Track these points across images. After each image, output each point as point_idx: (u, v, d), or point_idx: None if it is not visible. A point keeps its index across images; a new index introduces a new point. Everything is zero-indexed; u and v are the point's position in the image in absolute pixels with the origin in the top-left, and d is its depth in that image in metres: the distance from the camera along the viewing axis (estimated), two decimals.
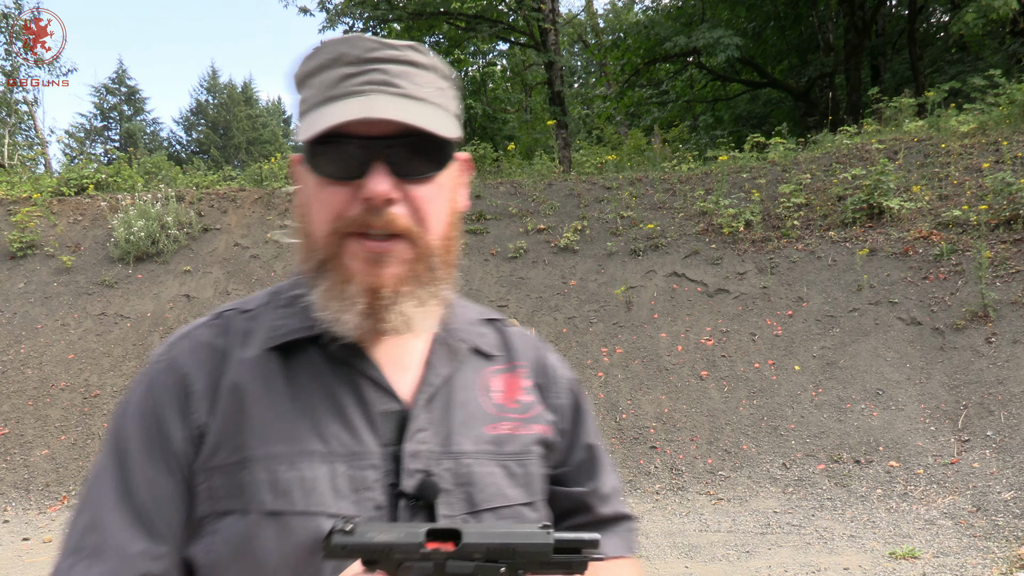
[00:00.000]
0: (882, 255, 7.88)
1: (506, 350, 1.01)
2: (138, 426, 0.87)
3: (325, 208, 0.85)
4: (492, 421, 0.92)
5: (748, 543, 5.07)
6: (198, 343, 0.91)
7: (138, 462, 0.86)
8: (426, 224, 0.86)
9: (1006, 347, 6.60)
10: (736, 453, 6.49)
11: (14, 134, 17.23)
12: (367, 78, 0.84)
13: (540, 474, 0.95)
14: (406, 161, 0.84)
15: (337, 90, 0.84)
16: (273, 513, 0.82)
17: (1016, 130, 8.93)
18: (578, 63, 28.90)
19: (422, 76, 0.87)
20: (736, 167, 9.93)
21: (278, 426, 0.86)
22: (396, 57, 0.86)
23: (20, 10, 15.69)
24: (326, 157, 0.84)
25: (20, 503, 6.71)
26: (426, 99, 0.86)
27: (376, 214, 0.83)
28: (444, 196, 0.89)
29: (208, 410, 0.87)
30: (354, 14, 12.51)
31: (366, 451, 0.85)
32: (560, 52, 13.34)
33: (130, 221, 9.49)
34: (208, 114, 39.45)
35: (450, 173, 0.90)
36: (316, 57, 0.88)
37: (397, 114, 0.81)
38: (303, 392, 0.88)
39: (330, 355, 0.89)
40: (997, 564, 4.45)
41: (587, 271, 8.75)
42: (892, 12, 17.15)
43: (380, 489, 0.85)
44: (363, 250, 0.84)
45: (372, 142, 0.82)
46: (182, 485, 0.85)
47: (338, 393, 0.88)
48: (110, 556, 0.82)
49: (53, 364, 8.22)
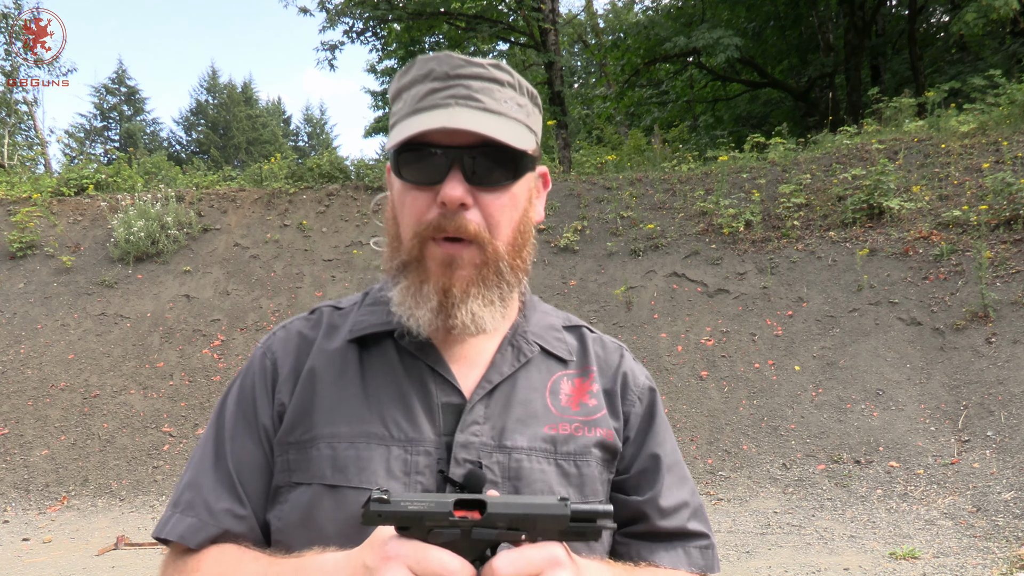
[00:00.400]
0: (882, 255, 7.87)
1: (582, 356, 1.05)
2: (235, 402, 1.00)
3: (408, 212, 0.93)
4: (552, 421, 0.96)
5: (748, 543, 5.07)
6: (292, 333, 1.04)
7: (232, 433, 0.98)
8: (496, 231, 0.93)
9: (1006, 347, 6.60)
10: (736, 453, 6.49)
11: (14, 134, 17.23)
12: (451, 92, 0.92)
13: (599, 477, 0.97)
14: (481, 170, 0.90)
15: (424, 103, 0.92)
16: (331, 487, 0.91)
17: (1016, 130, 8.93)
18: (578, 63, 28.88)
19: (503, 92, 0.94)
20: (736, 167, 9.92)
21: (344, 409, 0.94)
22: (480, 74, 0.94)
23: (20, 10, 15.69)
24: (409, 164, 0.92)
25: (20, 503, 6.71)
26: (505, 113, 0.93)
27: (450, 218, 0.90)
28: (517, 206, 0.95)
29: (289, 392, 0.97)
30: (354, 14, 12.50)
31: (422, 438, 0.92)
32: (560, 52, 13.33)
33: (130, 221, 9.49)
34: (208, 114, 39.44)
35: (525, 184, 0.97)
36: (408, 73, 0.96)
37: (475, 125, 0.88)
38: (374, 381, 0.96)
39: (403, 349, 0.97)
40: (997, 564, 4.45)
41: (587, 271, 8.75)
42: (892, 12, 17.15)
43: (430, 474, 0.91)
44: (440, 253, 0.91)
45: (450, 151, 0.90)
46: (267, 457, 0.96)
47: (404, 384, 0.95)
48: (200, 511, 0.94)
49: (53, 364, 8.22)
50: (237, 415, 0.99)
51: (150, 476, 6.96)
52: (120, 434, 7.43)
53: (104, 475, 7.00)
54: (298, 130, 44.81)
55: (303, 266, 9.38)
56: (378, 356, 0.98)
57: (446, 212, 0.90)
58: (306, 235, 9.79)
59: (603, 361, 1.06)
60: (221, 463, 0.96)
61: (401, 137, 0.89)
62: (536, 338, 1.02)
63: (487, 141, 0.89)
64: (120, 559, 5.36)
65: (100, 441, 7.35)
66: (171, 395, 7.84)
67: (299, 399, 0.96)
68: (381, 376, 0.96)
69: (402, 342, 0.98)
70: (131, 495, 6.77)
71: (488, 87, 0.93)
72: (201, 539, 0.94)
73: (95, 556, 5.45)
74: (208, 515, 0.94)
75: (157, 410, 7.68)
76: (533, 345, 1.01)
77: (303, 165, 11.50)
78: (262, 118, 40.91)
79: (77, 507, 6.63)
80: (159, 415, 7.63)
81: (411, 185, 0.92)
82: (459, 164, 0.89)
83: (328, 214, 10.09)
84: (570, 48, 26.67)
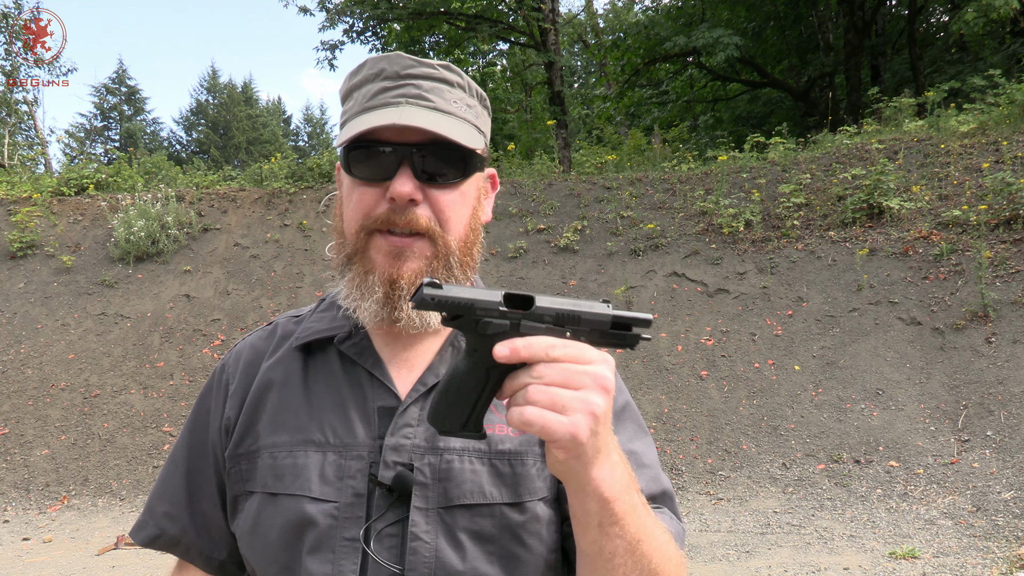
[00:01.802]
0: (882, 255, 7.88)
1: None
2: (190, 419, 1.05)
3: (356, 206, 0.95)
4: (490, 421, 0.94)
5: (748, 543, 5.07)
6: (246, 346, 1.06)
7: (184, 446, 1.04)
8: (447, 226, 0.94)
9: (1006, 347, 6.60)
10: (736, 453, 6.49)
11: (14, 134, 17.22)
12: (401, 91, 0.94)
13: (540, 474, 0.95)
14: (431, 167, 0.92)
15: (374, 101, 0.93)
16: (272, 494, 0.92)
17: (1016, 130, 8.93)
18: (578, 63, 28.88)
19: (453, 93, 0.96)
20: (736, 167, 9.92)
21: (286, 417, 0.95)
22: (430, 74, 0.95)
23: (20, 10, 15.68)
24: (359, 161, 0.93)
25: (20, 503, 6.71)
26: (454, 113, 0.94)
27: (400, 213, 0.91)
28: (466, 203, 0.97)
29: (237, 406, 0.99)
30: (354, 13, 12.50)
31: (356, 443, 0.92)
32: (560, 52, 13.33)
33: (130, 221, 9.49)
34: (208, 114, 39.43)
35: (474, 183, 0.98)
36: (359, 73, 0.98)
37: (425, 123, 0.89)
38: (316, 387, 0.97)
39: (344, 355, 0.98)
40: (997, 564, 4.45)
41: (587, 271, 8.75)
42: (892, 12, 17.15)
43: (361, 478, 0.90)
44: (386, 244, 0.93)
45: (400, 148, 0.91)
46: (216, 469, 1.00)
47: (344, 389, 0.96)
48: (145, 511, 1.04)
49: (53, 364, 8.22)
50: (190, 426, 1.04)
51: (150, 476, 6.97)
52: (120, 434, 7.43)
53: (104, 475, 7.01)
54: (298, 130, 44.84)
55: (303, 266, 9.38)
56: (321, 362, 0.99)
57: (395, 207, 0.91)
58: (306, 235, 9.79)
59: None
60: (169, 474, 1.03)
61: (351, 134, 0.90)
62: None
63: (436, 139, 0.91)
64: (120, 559, 5.36)
65: (100, 441, 7.36)
66: (171, 395, 7.84)
67: (247, 412, 0.98)
68: (323, 382, 0.97)
69: (342, 347, 0.98)
70: (131, 495, 6.77)
71: (438, 87, 0.95)
72: (142, 537, 1.03)
73: (95, 556, 5.45)
74: (149, 516, 1.03)
75: (157, 410, 7.69)
76: None
77: (303, 165, 11.50)
78: (262, 118, 40.92)
79: (77, 507, 6.64)
80: (159, 415, 7.63)
81: (360, 181, 0.93)
82: (408, 161, 0.91)
83: (328, 214, 10.09)
84: (570, 48, 26.68)
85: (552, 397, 0.71)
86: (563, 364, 0.72)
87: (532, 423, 0.71)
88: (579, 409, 0.71)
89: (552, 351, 0.72)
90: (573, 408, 0.71)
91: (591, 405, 0.71)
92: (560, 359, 0.72)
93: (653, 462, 1.03)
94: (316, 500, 0.90)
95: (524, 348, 0.72)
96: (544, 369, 0.72)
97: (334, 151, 24.20)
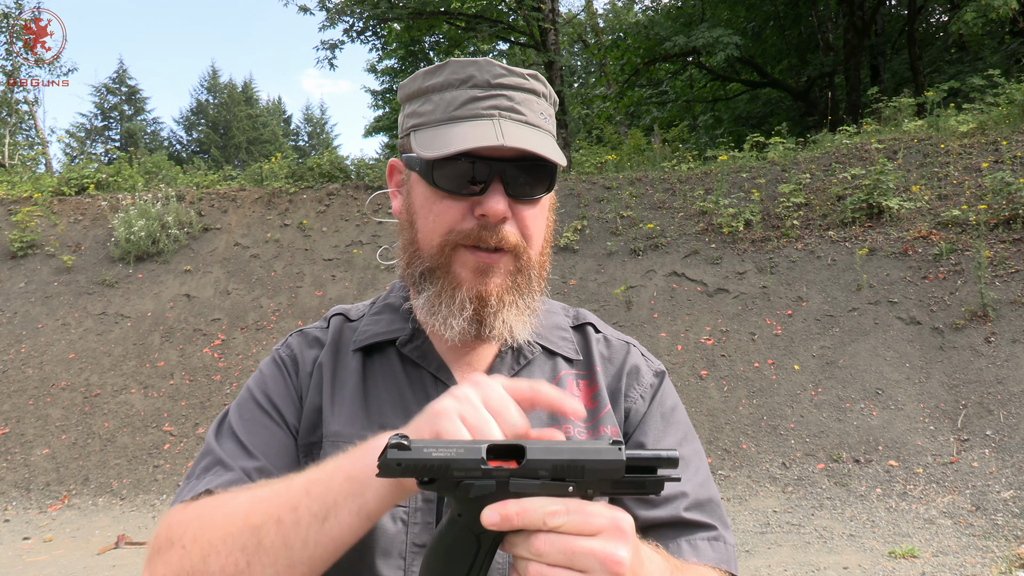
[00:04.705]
0: (882, 255, 7.88)
1: (586, 355, 1.04)
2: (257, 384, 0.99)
3: (439, 219, 0.91)
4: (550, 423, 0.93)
5: (748, 542, 5.08)
6: (310, 338, 1.04)
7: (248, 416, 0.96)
8: (530, 241, 0.93)
9: (1005, 347, 6.61)
10: (736, 452, 6.49)
11: (14, 134, 17.23)
12: (494, 103, 0.91)
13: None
14: (521, 183, 0.90)
15: (464, 111, 0.90)
16: None
17: (1015, 130, 8.93)
18: (578, 63, 28.88)
19: (540, 104, 0.95)
20: (736, 167, 9.93)
21: (348, 417, 0.94)
22: (521, 85, 0.93)
23: (20, 10, 15.68)
24: (446, 172, 0.90)
25: (21, 502, 6.71)
26: (542, 127, 0.93)
27: (491, 230, 0.90)
28: (545, 216, 0.96)
29: (306, 387, 0.98)
30: (354, 13, 12.51)
31: None
32: (560, 52, 13.34)
33: (130, 221, 9.50)
34: (208, 114, 39.43)
35: (551, 196, 0.98)
36: (439, 74, 0.94)
37: (525, 142, 0.87)
38: (375, 390, 0.97)
39: (406, 358, 0.97)
40: (996, 563, 4.46)
41: (587, 271, 8.76)
42: (892, 12, 17.16)
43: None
44: (473, 260, 0.91)
45: (493, 163, 0.89)
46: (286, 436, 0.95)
47: (407, 392, 0.95)
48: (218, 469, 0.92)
49: (54, 363, 8.23)
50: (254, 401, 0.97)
51: (151, 475, 6.97)
52: (121, 433, 7.44)
53: (105, 474, 7.01)
54: (298, 130, 44.82)
55: (303, 265, 9.39)
56: (381, 365, 0.98)
57: (486, 224, 0.89)
58: (306, 235, 9.80)
59: (607, 359, 1.04)
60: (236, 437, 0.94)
61: (449, 149, 0.86)
62: (538, 339, 1.01)
63: (529, 155, 0.89)
64: (121, 558, 5.37)
65: (101, 440, 7.36)
66: (171, 394, 7.85)
67: (311, 400, 0.96)
68: (383, 384, 0.97)
69: (404, 350, 0.97)
70: (132, 494, 6.78)
71: (528, 99, 0.93)
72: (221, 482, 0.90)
73: (96, 555, 5.46)
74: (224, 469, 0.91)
75: (158, 409, 7.69)
76: (534, 346, 1.00)
77: (303, 165, 11.51)
78: (262, 118, 40.90)
79: (78, 506, 6.64)
80: (159, 414, 7.64)
81: (444, 193, 0.90)
82: (500, 177, 0.89)
83: (328, 214, 10.10)
84: (570, 48, 26.68)
85: None
86: (565, 539, 0.62)
87: None
88: None
89: (551, 519, 0.62)
90: None
91: None
92: (560, 529, 0.62)
93: (701, 468, 0.99)
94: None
95: (517, 516, 0.62)
96: (543, 544, 0.62)
97: (335, 151, 24.11)
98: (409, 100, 0.97)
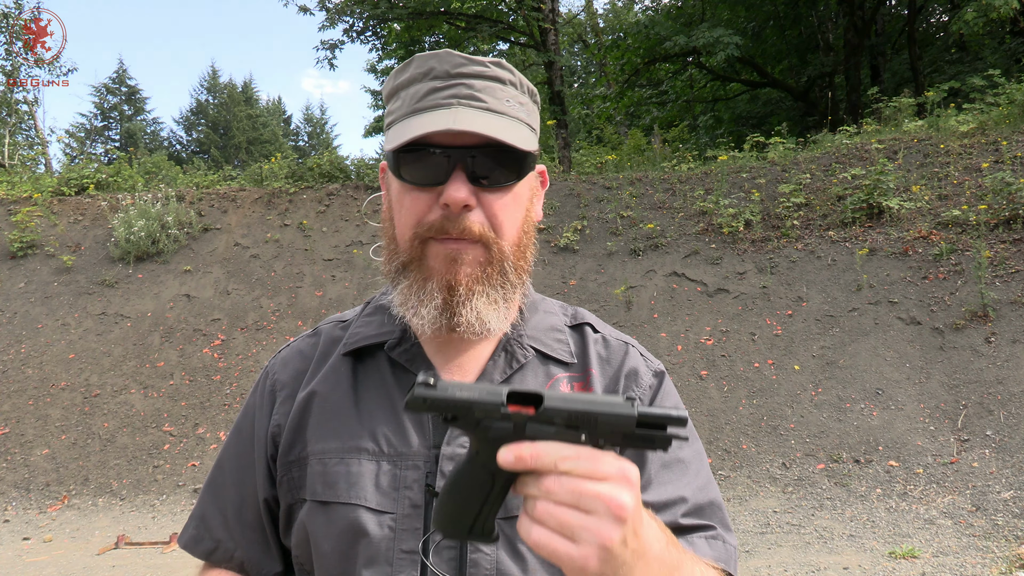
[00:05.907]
0: (882, 255, 7.88)
1: (582, 357, 1.02)
2: (238, 421, 1.03)
3: (408, 212, 0.92)
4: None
5: (748, 543, 5.08)
6: (294, 351, 1.04)
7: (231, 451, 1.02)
8: (501, 231, 0.91)
9: (1005, 347, 6.61)
10: (736, 453, 6.49)
11: (14, 134, 17.22)
12: (453, 92, 0.90)
13: None
14: (485, 170, 0.89)
15: (425, 102, 0.90)
16: (323, 503, 0.90)
17: (1015, 130, 8.93)
18: (578, 63, 28.87)
19: (505, 91, 0.93)
20: (736, 167, 9.93)
21: (335, 425, 0.93)
22: (481, 73, 0.92)
23: (20, 10, 15.67)
24: (410, 165, 0.90)
25: (20, 503, 6.71)
26: (507, 113, 0.91)
27: (453, 220, 0.89)
28: (520, 205, 0.94)
29: (286, 412, 0.98)
30: (353, 13, 12.51)
31: (411, 452, 0.90)
32: (560, 52, 13.33)
33: (130, 221, 9.50)
34: (208, 114, 39.43)
35: (527, 183, 0.95)
36: (405, 71, 0.94)
37: (479, 126, 0.87)
38: (366, 395, 0.95)
39: (395, 361, 0.96)
40: (996, 564, 4.46)
41: (587, 271, 8.75)
42: (892, 12, 17.15)
43: (418, 489, 0.89)
44: (444, 250, 0.90)
45: (454, 151, 0.88)
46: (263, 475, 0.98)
47: (395, 396, 0.94)
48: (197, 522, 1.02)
49: (53, 364, 8.23)
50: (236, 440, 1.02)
51: (150, 475, 6.97)
52: (121, 433, 7.43)
53: (105, 474, 7.01)
54: (298, 130, 44.81)
55: (303, 266, 9.38)
56: (371, 369, 0.97)
57: (449, 214, 0.89)
58: (306, 235, 9.80)
59: (605, 360, 1.02)
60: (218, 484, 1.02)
61: (404, 139, 0.88)
62: (532, 342, 0.99)
63: (491, 142, 0.88)
64: (120, 558, 5.37)
65: (101, 440, 7.36)
66: (171, 394, 7.85)
67: (295, 418, 0.96)
68: (373, 390, 0.95)
69: (392, 354, 0.96)
70: (132, 494, 6.77)
71: (490, 86, 0.92)
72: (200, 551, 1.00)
73: (96, 555, 5.46)
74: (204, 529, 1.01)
75: (157, 409, 7.69)
76: (528, 350, 0.98)
77: (303, 165, 11.51)
78: (262, 118, 40.90)
79: (78, 506, 6.64)
80: (159, 414, 7.64)
81: (411, 186, 0.91)
82: (462, 165, 0.88)
83: (328, 214, 10.10)
84: (570, 48, 26.67)
85: (560, 520, 0.64)
86: (574, 481, 0.64)
87: (540, 547, 0.65)
88: (589, 540, 0.63)
89: (562, 463, 0.65)
90: (582, 538, 0.64)
91: (602, 536, 0.63)
92: (571, 472, 0.64)
93: (701, 471, 0.98)
94: (373, 511, 0.88)
95: (531, 458, 0.65)
96: (553, 484, 0.64)
97: (334, 151, 24.15)
98: (387, 100, 0.98)
